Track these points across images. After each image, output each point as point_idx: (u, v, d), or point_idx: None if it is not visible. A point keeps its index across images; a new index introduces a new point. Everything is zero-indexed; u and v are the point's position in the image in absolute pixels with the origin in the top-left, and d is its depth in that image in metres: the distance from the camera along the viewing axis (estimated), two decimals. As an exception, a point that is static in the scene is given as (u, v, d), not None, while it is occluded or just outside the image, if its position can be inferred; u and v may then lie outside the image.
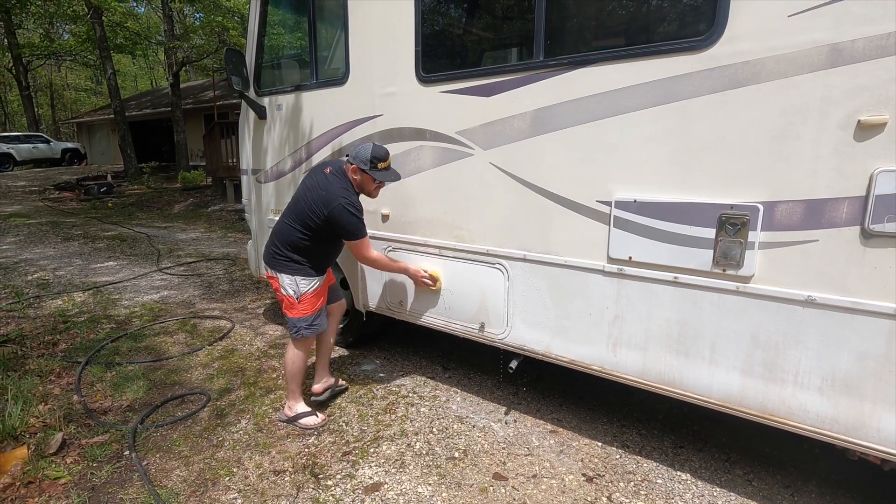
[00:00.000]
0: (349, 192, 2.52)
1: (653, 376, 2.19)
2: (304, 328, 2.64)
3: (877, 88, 1.59)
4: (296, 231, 2.55)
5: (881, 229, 1.62)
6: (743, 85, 1.81)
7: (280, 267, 2.59)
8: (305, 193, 2.58)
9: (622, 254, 2.18)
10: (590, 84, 2.15)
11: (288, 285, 2.59)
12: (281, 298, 2.66)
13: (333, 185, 2.51)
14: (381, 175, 2.53)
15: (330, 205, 2.45)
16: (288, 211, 2.64)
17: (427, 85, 2.70)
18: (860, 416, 1.75)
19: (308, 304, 2.63)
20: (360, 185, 2.58)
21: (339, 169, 2.59)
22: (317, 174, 2.62)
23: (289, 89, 3.49)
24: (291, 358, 2.73)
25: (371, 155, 2.47)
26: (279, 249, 2.59)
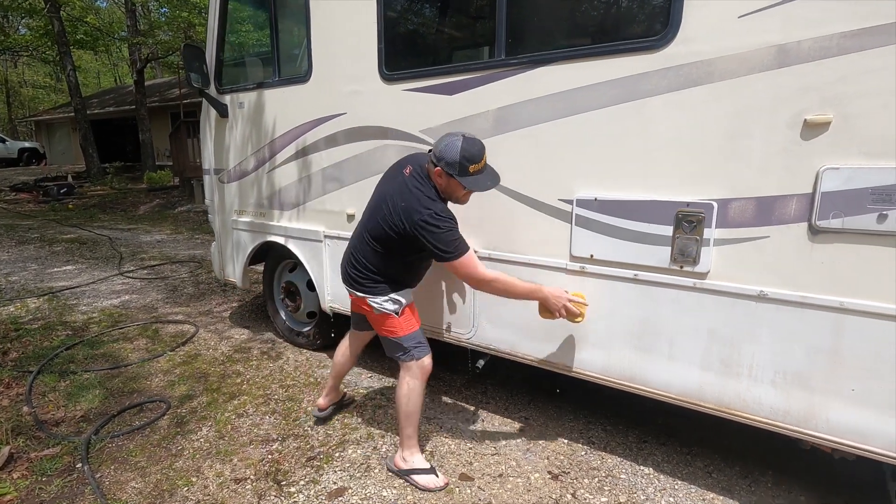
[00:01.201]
0: (434, 200, 2.04)
1: (615, 373, 2.21)
2: (414, 348, 2.20)
3: (822, 88, 1.63)
4: (376, 249, 2.15)
5: (827, 225, 1.67)
6: (698, 84, 1.84)
7: (367, 289, 2.19)
8: (383, 203, 2.12)
9: (584, 252, 2.19)
10: (550, 83, 2.15)
11: (384, 302, 2.18)
12: (376, 319, 2.25)
13: (413, 192, 2.04)
14: (472, 182, 2.02)
15: (411, 218, 1.99)
16: (364, 224, 2.23)
17: (390, 83, 2.67)
18: (810, 407, 1.80)
19: (412, 317, 2.26)
20: (447, 190, 2.09)
21: (421, 169, 2.11)
22: (395, 177, 2.15)
23: (251, 87, 3.41)
24: (406, 393, 2.19)
25: (460, 156, 1.95)
26: (361, 271, 2.19)
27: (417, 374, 2.22)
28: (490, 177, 2.09)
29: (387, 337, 2.25)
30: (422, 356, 2.23)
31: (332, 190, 3.07)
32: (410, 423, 2.25)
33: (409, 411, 2.23)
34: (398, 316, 2.21)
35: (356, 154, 2.89)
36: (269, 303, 3.91)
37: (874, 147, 1.58)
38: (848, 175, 1.62)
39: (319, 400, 2.77)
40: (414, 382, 2.22)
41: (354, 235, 2.30)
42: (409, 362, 2.22)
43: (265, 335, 3.99)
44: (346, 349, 2.65)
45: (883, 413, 1.68)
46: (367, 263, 2.18)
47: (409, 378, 2.22)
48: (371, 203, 2.25)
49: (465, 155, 1.97)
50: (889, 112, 1.54)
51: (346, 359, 2.66)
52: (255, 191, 3.54)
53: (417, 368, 2.22)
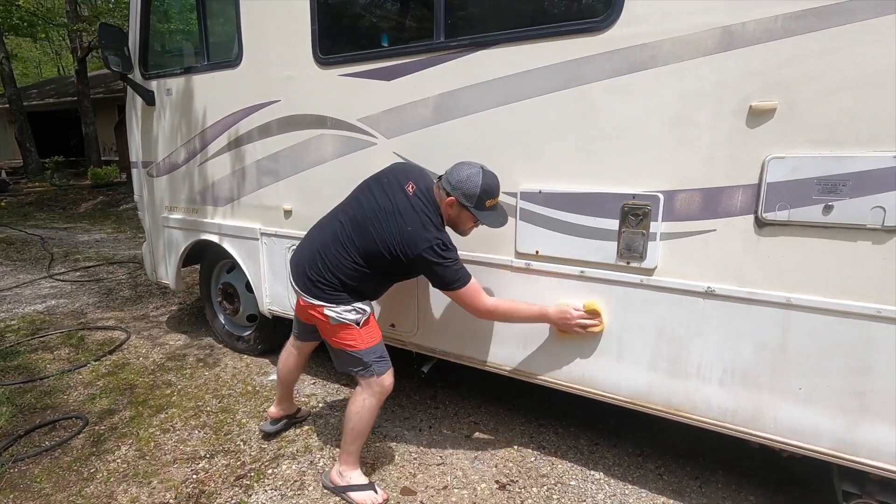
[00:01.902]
0: (441, 231, 1.89)
1: (563, 375, 2.10)
2: (375, 362, 1.99)
3: (767, 73, 1.55)
4: (358, 264, 1.92)
5: (773, 217, 1.59)
6: (642, 69, 1.73)
7: (326, 297, 1.95)
8: (375, 216, 1.89)
9: (529, 248, 2.06)
10: (492, 67, 2.01)
11: (345, 312, 1.95)
12: (331, 330, 1.99)
13: (419, 216, 1.86)
14: (487, 217, 1.90)
15: (416, 246, 1.82)
16: (348, 233, 1.93)
17: (326, 67, 2.47)
18: (758, 407, 1.73)
19: (373, 330, 2.04)
20: (454, 220, 1.96)
21: (427, 190, 1.93)
22: (395, 192, 1.92)
23: (178, 72, 3.13)
24: (359, 410, 2.00)
25: (481, 189, 1.84)
26: (325, 278, 1.94)
27: (376, 392, 2.00)
28: (501, 213, 1.98)
29: (343, 350, 2.00)
30: (383, 372, 2.01)
31: (268, 184, 2.84)
32: (356, 442, 2.06)
33: (359, 430, 2.03)
34: (360, 327, 1.97)
35: (292, 145, 2.68)
36: (207, 306, 3.64)
37: (820, 135, 1.50)
38: (793, 164, 1.54)
39: (271, 409, 2.55)
40: (370, 401, 2.01)
41: (325, 238, 2.00)
42: (369, 378, 2.00)
43: (204, 340, 3.72)
44: (290, 362, 2.41)
45: (829, 412, 1.62)
46: (339, 274, 1.93)
47: (367, 395, 2.01)
48: (355, 210, 1.97)
49: (486, 189, 1.86)
50: (834, 98, 1.47)
51: (290, 370, 2.44)
52: (187, 185, 3.27)
53: (377, 386, 2.00)
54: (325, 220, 2.11)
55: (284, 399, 2.52)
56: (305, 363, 2.46)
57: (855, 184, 1.47)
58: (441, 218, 1.94)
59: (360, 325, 1.97)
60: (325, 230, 2.05)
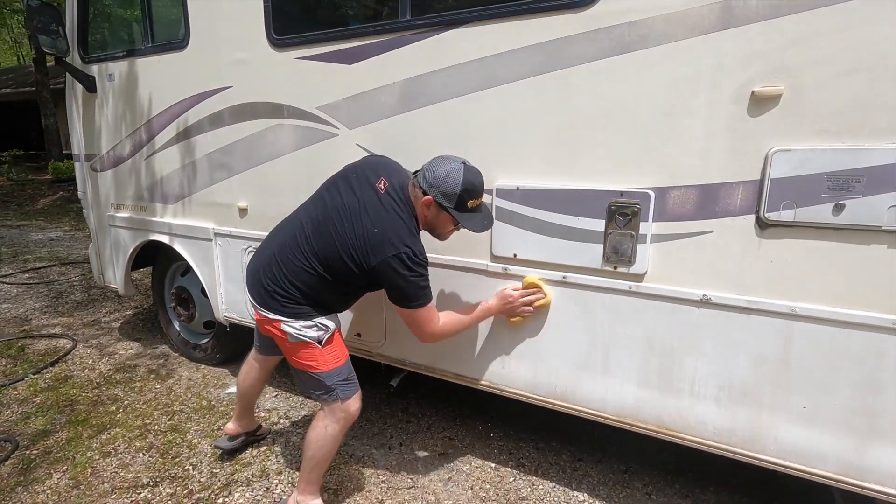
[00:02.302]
0: (413, 235, 1.65)
1: (544, 390, 1.92)
2: (339, 385, 1.75)
3: (771, 55, 1.37)
4: (315, 271, 1.68)
5: (777, 218, 1.42)
6: (629, 50, 1.54)
7: (285, 311, 1.70)
8: (338, 215, 1.66)
9: (506, 251, 1.87)
10: (464, 49, 1.80)
11: (305, 328, 1.71)
12: (290, 348, 1.76)
13: (391, 217, 1.62)
14: (469, 220, 1.65)
15: (383, 252, 1.58)
16: (306, 235, 1.70)
17: (281, 50, 2.22)
18: (757, 426, 1.57)
19: (337, 347, 1.79)
20: (431, 222, 1.72)
21: (401, 188, 1.68)
22: (363, 189, 1.68)
23: (120, 55, 2.83)
24: (320, 438, 1.77)
25: (462, 187, 1.59)
26: (283, 288, 1.70)
27: (340, 418, 1.76)
28: (486, 215, 1.74)
29: (303, 371, 1.77)
30: (348, 396, 1.77)
31: (221, 179, 2.58)
32: (317, 470, 1.83)
33: (319, 458, 1.80)
34: (322, 345, 1.73)
35: (246, 136, 2.42)
36: (161, 311, 3.35)
37: (830, 124, 1.33)
38: (800, 158, 1.37)
39: (229, 425, 2.29)
40: (333, 428, 1.77)
41: (283, 240, 1.76)
42: (332, 404, 1.76)
43: (158, 349, 3.43)
44: (251, 376, 2.16)
45: (836, 433, 1.46)
46: (296, 282, 1.69)
47: (329, 422, 1.77)
48: (318, 208, 1.73)
49: (468, 187, 1.61)
50: (847, 82, 1.30)
51: (251, 386, 2.18)
52: (133, 180, 2.98)
53: (341, 412, 1.76)
54: (287, 219, 1.87)
55: (244, 415, 2.28)
56: (268, 378, 2.22)
57: (870, 180, 1.30)
58: (416, 221, 1.69)
59: (322, 344, 1.73)
60: (284, 231, 1.81)
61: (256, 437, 2.39)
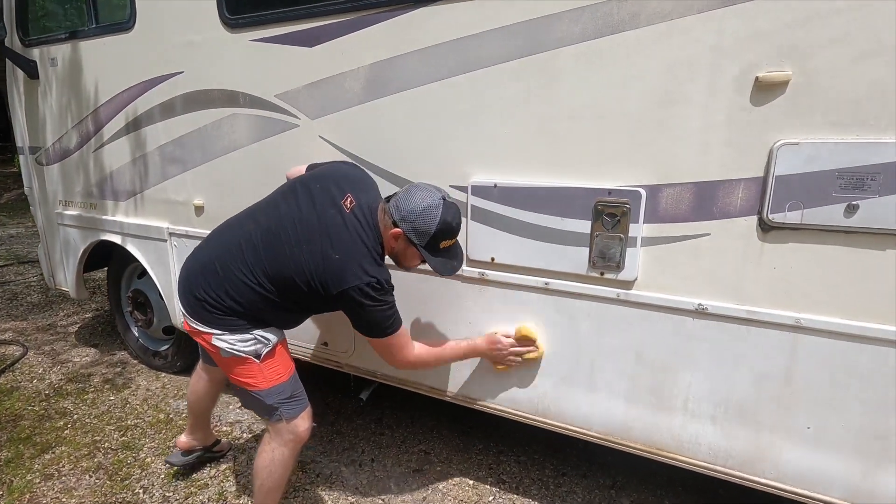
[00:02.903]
0: (380, 266, 1.48)
1: (525, 406, 1.76)
2: (282, 404, 1.57)
3: (778, 35, 1.21)
4: (261, 288, 1.48)
5: (782, 220, 1.27)
6: (620, 30, 1.37)
7: (216, 323, 1.51)
8: (294, 231, 1.47)
9: (483, 254, 1.70)
10: (436, 29, 1.61)
11: (240, 343, 1.51)
12: (224, 363, 1.58)
13: (354, 243, 1.44)
14: (439, 264, 1.49)
15: (342, 283, 1.41)
16: (254, 246, 1.50)
17: (235, 31, 2.00)
18: (757, 448, 1.43)
19: (279, 362, 1.59)
20: (398, 254, 1.54)
21: (369, 211, 1.50)
22: (325, 202, 1.49)
23: (63, 37, 2.57)
24: (268, 465, 1.59)
25: (437, 227, 1.42)
26: (217, 300, 1.50)
27: (288, 441, 1.59)
28: (456, 255, 1.57)
29: (242, 389, 1.60)
30: (293, 415, 1.59)
31: (175, 174, 2.36)
32: (270, 498, 1.65)
33: (270, 487, 1.62)
34: (260, 361, 1.54)
35: (200, 127, 2.21)
36: (118, 316, 3.13)
37: (844, 115, 1.18)
38: (810, 152, 1.22)
39: (181, 437, 2.08)
40: (281, 451, 1.59)
41: (226, 246, 1.56)
42: (277, 424, 1.59)
43: (116, 356, 3.21)
44: (199, 388, 1.96)
45: (844, 456, 1.33)
46: (237, 297, 1.49)
47: (276, 445, 1.60)
48: (271, 217, 1.53)
49: (444, 228, 1.44)
50: (864, 67, 1.15)
51: (200, 398, 1.98)
52: (82, 175, 2.73)
53: (288, 433, 1.59)
54: (234, 220, 1.66)
55: (198, 427, 2.08)
56: (220, 389, 2.02)
57: (887, 178, 1.15)
58: (382, 248, 1.51)
59: (260, 359, 1.54)
60: (227, 234, 1.61)
61: (214, 454, 2.19)
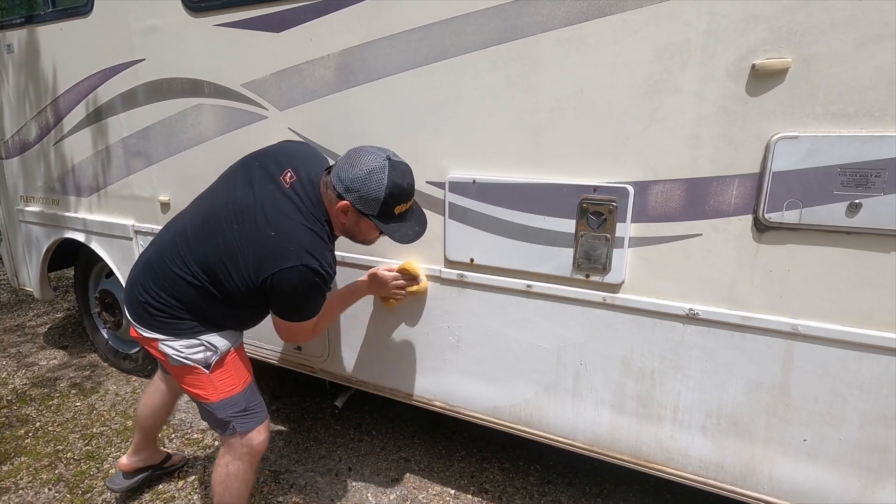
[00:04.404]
0: (321, 243, 1.32)
1: (507, 414, 1.67)
2: (235, 417, 1.47)
3: (776, 18, 1.11)
4: (194, 279, 1.36)
5: (779, 219, 1.18)
6: (605, 14, 1.26)
7: (161, 327, 1.41)
8: (227, 212, 1.35)
9: (462, 255, 1.59)
10: (408, 13, 1.49)
11: (187, 349, 1.42)
12: (174, 373, 1.49)
13: (295, 221, 1.30)
14: (396, 231, 1.33)
15: (277, 264, 1.27)
16: (187, 238, 1.39)
17: (199, 15, 1.87)
18: (750, 461, 1.35)
19: (231, 372, 1.48)
20: (350, 230, 1.38)
21: (310, 184, 1.35)
22: (263, 179, 1.37)
23: (19, 21, 2.42)
24: (223, 480, 1.51)
25: (387, 192, 1.26)
26: (157, 299, 1.39)
27: (242, 455, 1.50)
28: (419, 220, 1.41)
29: (194, 399, 1.52)
30: (248, 429, 1.49)
31: (139, 168, 2.23)
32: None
33: (229, 502, 1.53)
34: (210, 371, 1.44)
35: (164, 118, 2.08)
36: (86, 317, 2.99)
37: (847, 105, 1.09)
38: (809, 147, 1.12)
39: (122, 459, 1.93)
40: (236, 466, 1.51)
41: (159, 243, 1.47)
42: (231, 438, 1.50)
43: (86, 359, 3.07)
44: (155, 400, 1.83)
45: (841, 470, 1.26)
46: (175, 293, 1.38)
47: (230, 459, 1.51)
48: (208, 202, 1.43)
49: (394, 191, 1.27)
50: (869, 53, 1.05)
51: (156, 412, 1.85)
52: (43, 169, 2.59)
53: (243, 447, 1.50)
54: (179, 214, 1.55)
55: (145, 446, 1.91)
56: (175, 403, 1.89)
57: (893, 174, 1.07)
58: (329, 227, 1.37)
59: (210, 369, 1.43)
60: (168, 228, 1.51)
61: (166, 470, 2.05)
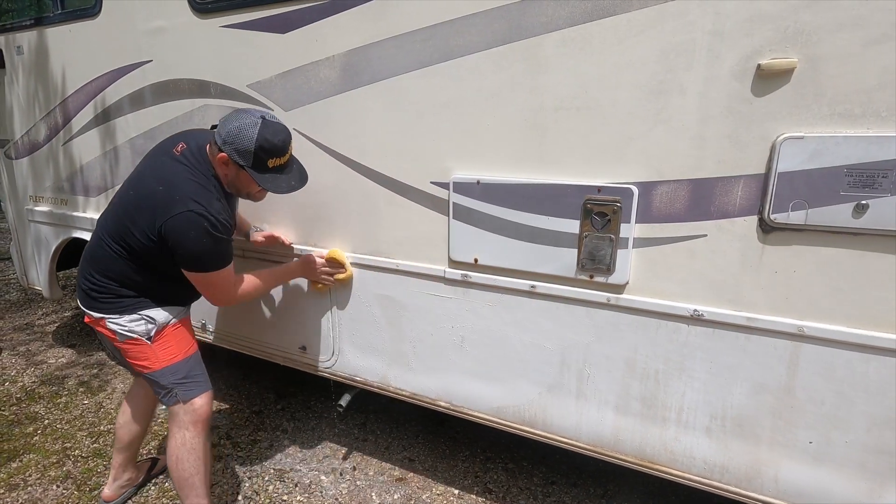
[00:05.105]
0: (207, 192, 1.46)
1: (511, 414, 1.67)
2: (177, 384, 1.56)
3: (782, 17, 1.10)
4: (116, 256, 1.50)
5: (784, 220, 1.17)
6: (609, 14, 1.26)
7: (106, 306, 1.54)
8: (128, 186, 1.54)
9: (466, 255, 1.59)
10: (413, 14, 1.49)
11: (131, 322, 1.54)
12: (123, 351, 1.58)
13: (179, 175, 1.45)
14: (270, 181, 1.46)
15: (167, 212, 1.40)
16: (105, 218, 1.57)
17: (205, 16, 1.88)
18: (755, 463, 1.34)
19: (173, 342, 1.59)
20: (234, 183, 1.53)
21: (199, 151, 1.52)
22: (158, 155, 1.55)
23: (28, 24, 2.44)
24: (176, 451, 1.58)
25: (256, 144, 1.40)
26: (97, 281, 1.53)
27: (187, 423, 1.58)
28: (296, 175, 1.55)
29: (141, 374, 1.62)
30: (190, 396, 1.58)
31: (146, 169, 2.24)
32: (193, 493, 1.60)
33: (184, 479, 1.59)
34: (151, 342, 1.56)
35: (170, 119, 2.09)
36: (94, 316, 3.01)
37: (854, 106, 1.08)
38: (816, 147, 1.12)
39: (105, 490, 1.89)
40: (183, 435, 1.58)
41: (92, 236, 1.62)
42: (174, 406, 1.59)
43: (94, 357, 3.10)
44: (133, 406, 1.82)
45: (847, 473, 1.25)
46: (107, 272, 1.54)
47: (176, 429, 1.59)
48: (119, 190, 1.61)
49: (264, 145, 1.42)
50: (877, 53, 1.04)
51: (141, 416, 1.82)
52: (52, 170, 2.61)
53: (187, 414, 1.58)
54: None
55: (127, 468, 1.89)
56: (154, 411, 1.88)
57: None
58: (218, 181, 1.52)
59: (151, 339, 1.56)
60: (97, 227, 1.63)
61: (152, 476, 2.04)
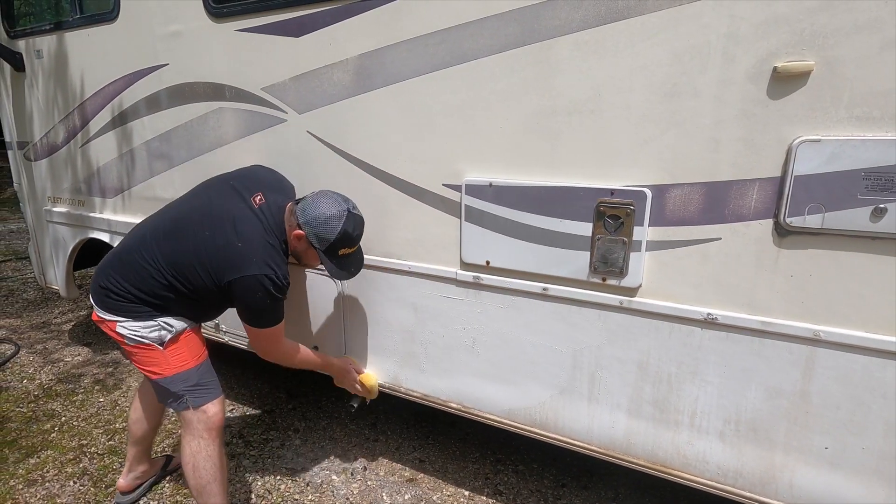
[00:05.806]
0: (280, 258, 1.53)
1: (521, 417, 1.67)
2: (189, 391, 1.56)
3: (799, 20, 1.10)
4: (161, 276, 1.51)
5: (801, 224, 1.16)
6: (623, 17, 1.26)
7: (120, 310, 1.53)
8: (200, 219, 1.54)
9: (478, 257, 1.60)
10: (426, 18, 1.51)
11: (144, 329, 1.53)
12: (130, 353, 1.58)
13: (258, 236, 1.51)
14: (335, 268, 1.57)
15: (240, 271, 1.45)
16: (157, 237, 1.55)
17: (221, 20, 1.91)
18: (770, 468, 1.33)
19: (184, 349, 1.58)
20: (299, 253, 1.62)
21: (277, 208, 1.58)
22: (235, 197, 1.57)
23: (48, 28, 2.49)
24: (190, 460, 1.58)
25: (337, 237, 1.50)
26: (120, 287, 1.52)
27: (201, 431, 1.58)
28: (355, 262, 1.65)
29: (150, 379, 1.61)
30: (201, 403, 1.58)
31: (161, 171, 2.28)
32: (212, 500, 1.60)
33: (202, 487, 1.59)
34: (164, 348, 1.55)
35: (186, 121, 2.12)
36: (109, 315, 3.06)
37: (872, 108, 1.07)
38: (833, 150, 1.11)
39: (120, 480, 1.92)
40: (198, 443, 1.58)
41: (134, 237, 1.62)
42: (185, 412, 1.59)
43: (109, 355, 3.15)
44: (145, 402, 1.85)
45: (864, 479, 1.23)
46: (140, 286, 1.52)
47: (190, 437, 1.59)
48: (182, 208, 1.63)
49: (343, 237, 1.53)
50: (893, 56, 1.03)
51: (144, 417, 1.85)
52: (69, 171, 2.66)
53: (199, 422, 1.58)
54: (147, 218, 1.72)
55: (141, 460, 1.92)
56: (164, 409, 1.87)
57: (920, 179, 1.05)
58: (286, 246, 1.60)
59: (164, 345, 1.55)
60: (143, 226, 1.67)
61: (168, 472, 2.08)
